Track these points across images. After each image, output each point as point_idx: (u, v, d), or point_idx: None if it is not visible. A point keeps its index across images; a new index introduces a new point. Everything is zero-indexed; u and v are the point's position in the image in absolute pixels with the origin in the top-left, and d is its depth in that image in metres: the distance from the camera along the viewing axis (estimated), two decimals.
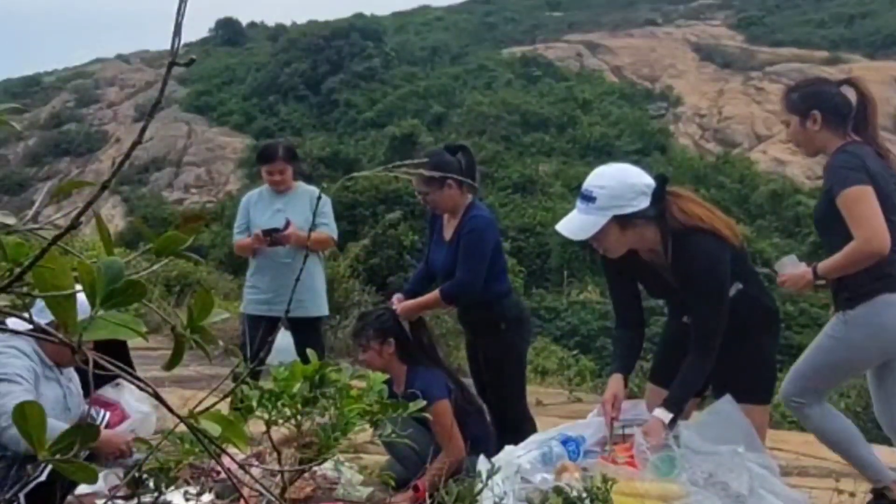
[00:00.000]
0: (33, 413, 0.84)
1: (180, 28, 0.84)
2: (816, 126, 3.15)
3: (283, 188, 4.84)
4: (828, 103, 3.16)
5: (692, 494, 2.62)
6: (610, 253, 2.93)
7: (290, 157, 4.89)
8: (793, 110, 3.22)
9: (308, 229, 4.65)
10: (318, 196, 4.52)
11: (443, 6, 79.09)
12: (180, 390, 5.49)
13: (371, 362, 3.70)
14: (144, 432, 3.95)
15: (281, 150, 4.88)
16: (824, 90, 3.22)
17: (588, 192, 2.85)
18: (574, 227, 2.88)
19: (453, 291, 3.73)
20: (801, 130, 3.20)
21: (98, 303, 0.85)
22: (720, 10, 67.28)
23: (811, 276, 3.12)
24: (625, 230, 2.84)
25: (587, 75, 55.05)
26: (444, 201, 3.78)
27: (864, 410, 8.44)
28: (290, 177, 4.84)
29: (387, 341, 3.70)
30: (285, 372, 1.84)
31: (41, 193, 16.49)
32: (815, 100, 3.17)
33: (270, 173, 4.82)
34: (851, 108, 3.16)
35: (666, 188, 2.88)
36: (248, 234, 4.87)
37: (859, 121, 3.15)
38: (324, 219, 4.79)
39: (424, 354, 3.80)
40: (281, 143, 5.15)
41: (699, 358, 2.87)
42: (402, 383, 3.71)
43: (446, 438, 3.57)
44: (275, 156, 4.83)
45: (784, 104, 3.27)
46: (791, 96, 3.25)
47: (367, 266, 19.25)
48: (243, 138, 51.63)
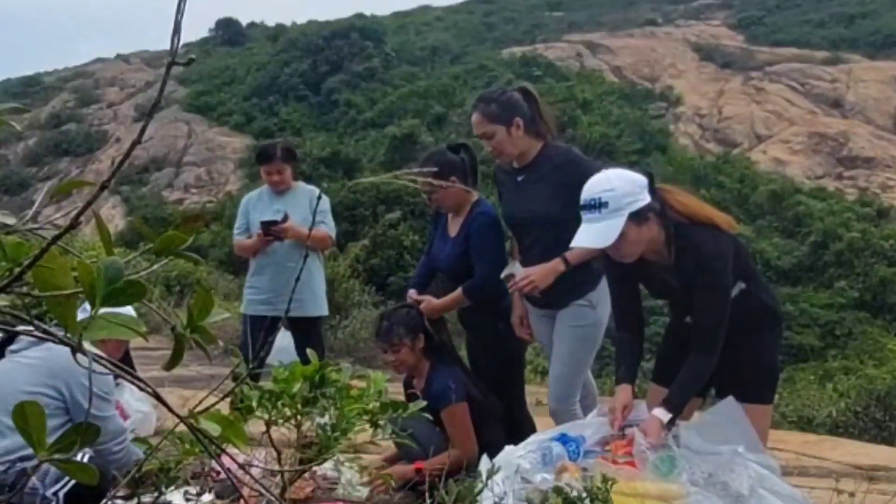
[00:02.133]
0: (33, 413, 0.84)
1: (180, 28, 0.84)
2: (520, 132, 3.44)
3: (283, 188, 4.83)
4: (524, 110, 3.45)
5: (692, 494, 2.62)
6: (627, 257, 2.92)
7: (289, 157, 4.87)
8: (496, 120, 3.44)
9: (308, 228, 4.65)
10: (318, 196, 4.51)
11: (443, 6, 79.21)
12: (180, 390, 5.49)
13: (404, 360, 3.70)
14: (144, 432, 3.96)
15: (279, 150, 4.87)
16: (516, 98, 3.50)
17: (596, 200, 2.83)
18: (594, 237, 2.85)
19: (476, 287, 3.72)
20: (507, 139, 3.44)
21: (98, 303, 0.85)
22: (720, 10, 67.31)
23: (562, 265, 3.37)
24: (640, 227, 2.84)
25: (587, 75, 55.05)
26: (448, 199, 3.80)
27: (864, 410, 8.46)
28: (289, 176, 4.83)
29: (417, 337, 3.70)
30: (285, 372, 1.84)
31: (41, 193, 16.43)
32: (515, 108, 3.44)
33: (269, 173, 4.82)
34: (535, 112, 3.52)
35: (654, 183, 2.90)
36: (248, 234, 4.87)
37: (539, 124, 3.49)
38: (322, 217, 4.79)
39: (446, 351, 3.81)
40: (279, 143, 5.12)
41: (701, 359, 2.87)
42: (423, 379, 3.72)
43: (460, 441, 3.56)
44: (273, 156, 4.82)
45: (482, 117, 3.46)
46: (490, 107, 3.45)
47: (367, 266, 19.28)
48: (243, 138, 51.63)
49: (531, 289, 3.44)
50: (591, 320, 3.51)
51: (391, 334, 3.72)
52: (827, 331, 30.61)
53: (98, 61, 72.05)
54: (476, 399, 3.69)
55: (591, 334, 3.54)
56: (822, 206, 38.08)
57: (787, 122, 47.42)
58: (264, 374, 2.60)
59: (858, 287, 32.47)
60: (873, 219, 37.31)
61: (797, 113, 48.19)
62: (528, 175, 3.53)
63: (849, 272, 33.19)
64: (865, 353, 25.19)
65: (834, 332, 30.50)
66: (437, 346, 3.76)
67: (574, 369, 3.55)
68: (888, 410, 8.54)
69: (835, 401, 9.89)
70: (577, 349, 3.53)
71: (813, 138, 45.08)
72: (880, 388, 9.10)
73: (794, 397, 11.13)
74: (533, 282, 3.41)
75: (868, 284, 32.37)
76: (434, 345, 3.75)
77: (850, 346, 28.61)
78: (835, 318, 31.14)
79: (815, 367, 22.08)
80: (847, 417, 8.54)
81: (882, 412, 8.47)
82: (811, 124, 46.63)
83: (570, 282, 3.44)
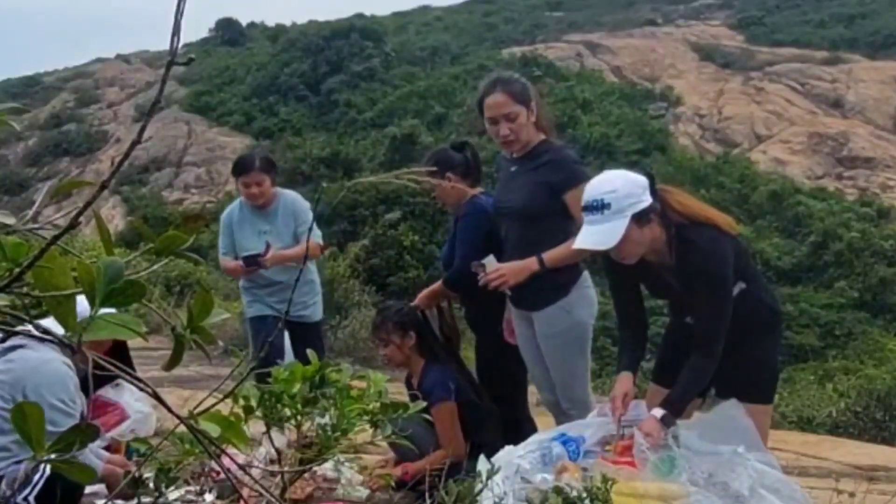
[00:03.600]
0: (33, 412, 0.84)
1: (179, 28, 0.84)
2: (533, 117, 3.46)
3: (262, 202, 4.63)
4: (535, 97, 3.50)
5: (692, 494, 2.62)
6: (630, 258, 2.91)
7: (268, 168, 4.66)
8: (519, 101, 3.45)
9: (296, 241, 4.59)
10: (315, 197, 4.48)
11: (443, 6, 79.15)
12: (180, 390, 5.49)
13: (392, 356, 3.72)
14: (144, 432, 3.96)
15: (258, 160, 4.66)
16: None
17: (599, 202, 2.83)
18: (598, 238, 2.85)
19: (453, 276, 3.78)
20: (525, 123, 3.44)
21: (98, 303, 0.85)
22: (720, 10, 67.27)
23: (536, 265, 3.34)
24: (642, 228, 2.84)
25: (587, 75, 55.03)
26: (447, 196, 3.83)
27: (863, 410, 8.45)
28: (268, 188, 4.62)
29: (407, 335, 3.71)
30: (285, 372, 1.84)
31: (41, 193, 16.41)
32: (531, 94, 3.47)
33: (247, 185, 4.59)
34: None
35: (655, 184, 2.90)
36: (234, 254, 4.71)
37: (542, 116, 3.53)
38: (304, 224, 4.66)
39: (442, 348, 3.81)
40: (257, 153, 4.90)
41: (702, 360, 2.87)
42: (417, 377, 3.72)
43: (446, 440, 3.57)
44: (251, 166, 4.59)
45: (507, 97, 3.45)
46: (514, 87, 3.47)
47: (367, 266, 19.26)
48: (243, 138, 51.63)
49: (499, 283, 3.40)
50: (566, 325, 3.48)
51: (379, 330, 3.76)
52: (827, 331, 30.60)
53: (98, 61, 72.02)
54: (469, 399, 3.69)
55: (572, 337, 3.51)
56: (822, 206, 38.07)
57: (787, 122, 47.39)
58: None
59: (858, 287, 32.46)
60: (873, 219, 37.30)
61: (797, 113, 48.17)
62: (520, 166, 3.52)
63: (849, 272, 33.17)
64: (865, 353, 25.19)
65: (834, 332, 30.49)
66: (432, 344, 3.77)
67: (572, 373, 3.56)
68: (888, 410, 8.54)
69: (835, 401, 9.88)
70: (566, 355, 3.53)
71: (813, 138, 45.06)
72: (880, 388, 9.10)
73: (794, 397, 11.13)
74: (503, 276, 3.38)
75: (868, 284, 32.36)
76: (428, 343, 3.75)
77: (850, 346, 28.60)
78: (835, 318, 31.13)
79: (815, 367, 22.07)
80: (847, 417, 8.54)
81: (882, 412, 8.47)
82: (811, 124, 46.61)
83: (545, 283, 3.41)
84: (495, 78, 3.56)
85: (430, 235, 22.62)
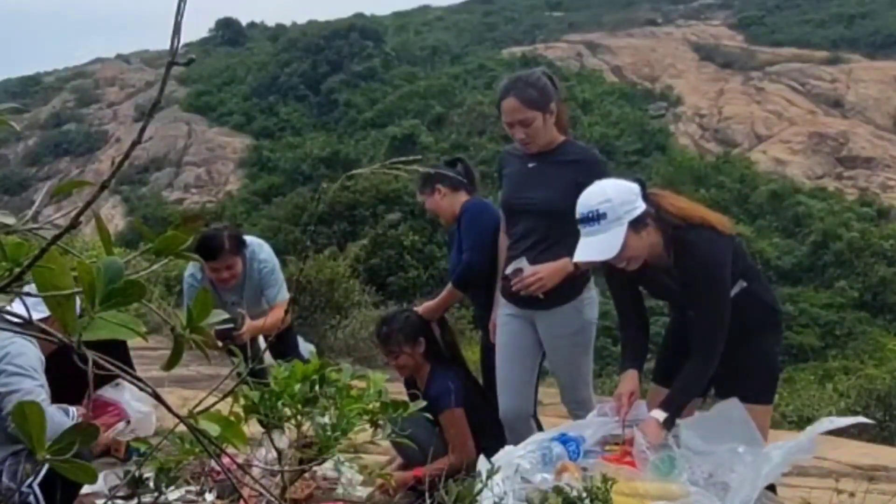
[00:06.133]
0: (33, 412, 0.84)
1: (180, 28, 0.84)
2: (553, 118, 3.38)
3: (234, 283, 4.13)
4: (556, 96, 3.40)
5: (692, 494, 2.62)
6: (631, 265, 2.91)
7: (237, 247, 4.09)
8: (535, 106, 3.35)
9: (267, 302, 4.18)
10: (256, 250, 4.11)
11: (443, 6, 79.22)
12: (180, 390, 5.48)
13: (405, 366, 3.71)
14: (144, 432, 3.95)
15: (227, 241, 4.04)
16: (547, 82, 3.46)
17: (594, 213, 2.81)
18: (597, 249, 2.82)
19: (461, 274, 3.74)
20: (542, 127, 3.36)
21: (97, 303, 0.85)
22: (720, 10, 67.33)
23: (571, 266, 3.25)
24: (639, 234, 2.83)
25: (587, 75, 55.10)
26: (440, 210, 3.82)
27: (863, 410, 8.46)
28: (239, 269, 4.09)
29: (417, 342, 3.69)
30: (285, 372, 1.84)
31: (41, 193, 16.44)
32: (551, 94, 3.37)
33: (216, 270, 4.03)
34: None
35: (646, 189, 2.90)
36: None
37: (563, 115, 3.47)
38: (272, 288, 4.19)
39: (448, 353, 3.81)
40: (224, 232, 4.14)
41: (702, 361, 2.87)
42: (423, 382, 3.72)
43: (458, 445, 3.57)
44: (220, 249, 3.98)
45: (520, 103, 3.35)
46: (528, 92, 3.35)
47: (367, 266, 19.28)
48: (243, 138, 51.72)
49: (538, 287, 3.32)
50: (578, 325, 3.44)
51: (389, 342, 3.72)
52: (827, 331, 30.64)
53: (98, 61, 72.11)
54: (475, 403, 3.69)
55: (584, 338, 3.49)
56: (822, 206, 38.12)
57: (787, 122, 47.44)
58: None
59: (858, 287, 32.50)
60: (873, 219, 37.35)
61: (797, 113, 48.21)
62: (540, 163, 3.40)
63: (849, 272, 33.21)
64: (865, 353, 25.22)
65: (834, 332, 30.53)
66: (438, 350, 3.76)
67: (577, 373, 3.54)
68: (888, 410, 8.55)
69: (835, 401, 9.90)
70: (575, 356, 3.51)
71: (813, 138, 45.09)
72: (880, 388, 9.11)
73: (794, 397, 11.14)
74: (541, 279, 3.30)
75: (868, 284, 32.40)
76: (435, 348, 3.75)
77: (850, 346, 28.64)
78: (835, 318, 31.17)
79: (815, 367, 22.11)
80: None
81: (882, 412, 8.48)
82: (811, 124, 46.65)
83: (563, 283, 3.36)
84: (514, 79, 3.45)
85: (430, 235, 22.63)
